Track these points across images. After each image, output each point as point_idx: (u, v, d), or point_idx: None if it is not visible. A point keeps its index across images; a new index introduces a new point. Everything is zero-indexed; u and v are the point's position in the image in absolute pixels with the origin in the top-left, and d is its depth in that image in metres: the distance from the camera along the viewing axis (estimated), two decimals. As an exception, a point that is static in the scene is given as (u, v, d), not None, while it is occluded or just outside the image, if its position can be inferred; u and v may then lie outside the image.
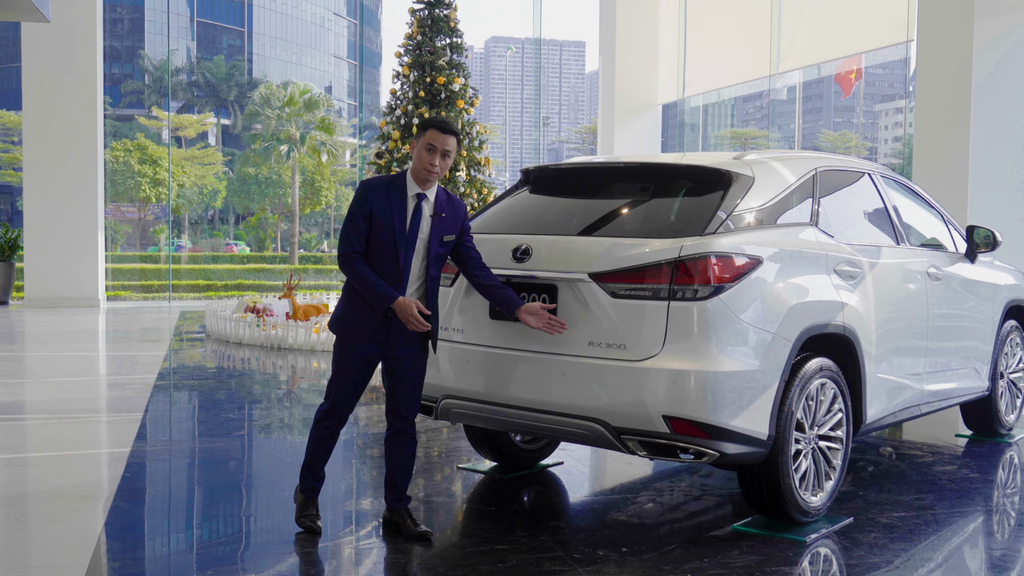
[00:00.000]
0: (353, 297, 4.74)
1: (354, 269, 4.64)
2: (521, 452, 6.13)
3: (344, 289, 4.83)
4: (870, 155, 37.16)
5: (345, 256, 4.66)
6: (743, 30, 17.69)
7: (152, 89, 46.91)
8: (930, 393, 6.09)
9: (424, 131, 4.72)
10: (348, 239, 4.66)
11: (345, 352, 4.78)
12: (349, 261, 4.65)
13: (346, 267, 4.66)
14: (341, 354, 4.81)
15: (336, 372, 4.82)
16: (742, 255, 4.60)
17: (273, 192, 42.31)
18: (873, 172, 6.17)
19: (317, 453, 4.92)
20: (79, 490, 5.69)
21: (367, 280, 4.61)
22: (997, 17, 10.32)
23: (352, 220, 4.67)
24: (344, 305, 4.79)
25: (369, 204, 4.65)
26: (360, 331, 4.72)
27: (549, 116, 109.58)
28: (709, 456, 4.51)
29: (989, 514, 5.53)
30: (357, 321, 4.73)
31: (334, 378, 4.83)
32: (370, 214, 4.65)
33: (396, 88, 13.32)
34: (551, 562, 4.44)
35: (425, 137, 4.70)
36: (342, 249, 4.68)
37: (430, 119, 4.78)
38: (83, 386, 9.68)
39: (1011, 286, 7.17)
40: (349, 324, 4.76)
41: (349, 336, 4.76)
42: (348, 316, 4.75)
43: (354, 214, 4.67)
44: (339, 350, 4.83)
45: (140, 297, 24.24)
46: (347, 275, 4.68)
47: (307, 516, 4.91)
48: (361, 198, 4.68)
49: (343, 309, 4.79)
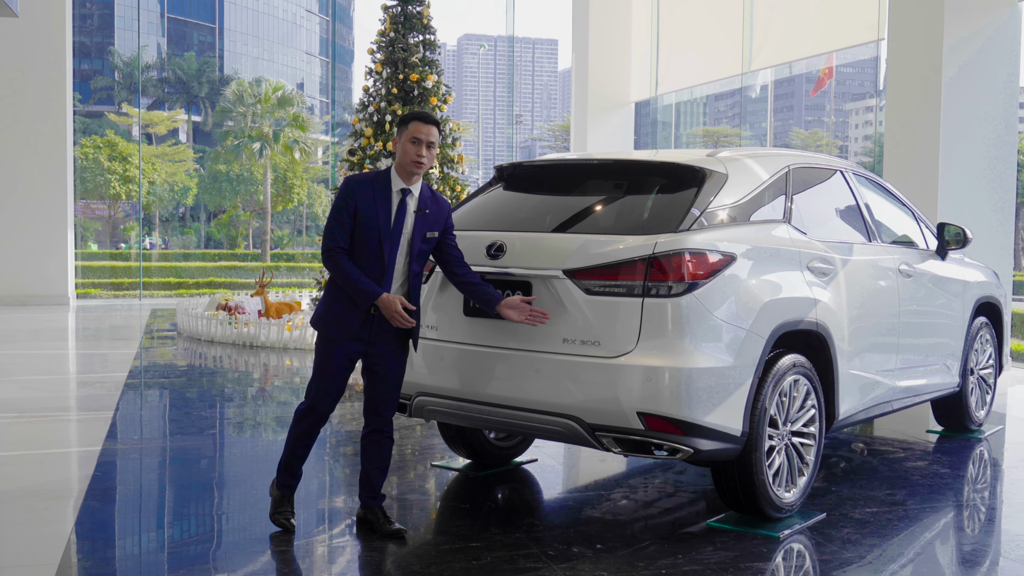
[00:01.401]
0: (337, 294, 4.71)
1: (338, 265, 4.61)
2: (495, 449, 6.12)
3: (327, 286, 4.80)
4: (840, 153, 37.41)
5: (329, 251, 4.63)
6: (715, 28, 17.74)
7: (122, 85, 46.52)
8: (901, 389, 6.13)
9: (406, 125, 4.70)
10: (332, 234, 4.64)
11: (327, 350, 4.75)
12: (333, 257, 4.62)
13: (330, 263, 4.63)
14: (323, 352, 4.77)
15: (317, 370, 4.79)
16: (716, 252, 4.61)
17: (245, 189, 42.05)
18: (845, 170, 6.21)
19: (295, 452, 4.88)
20: (49, 489, 5.63)
21: (351, 276, 4.59)
22: (967, 16, 10.40)
23: (337, 215, 4.64)
24: (327, 302, 4.76)
25: (354, 200, 4.63)
26: (344, 328, 4.70)
27: (522, 114, 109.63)
28: (683, 453, 4.52)
29: (960, 509, 5.57)
30: (341, 318, 4.70)
31: (315, 376, 4.80)
32: (355, 210, 4.63)
33: (369, 85, 13.26)
34: (525, 559, 4.43)
35: (408, 131, 4.68)
36: (326, 244, 4.65)
37: (410, 113, 4.76)
38: (53, 384, 9.59)
39: (981, 283, 7.23)
40: (333, 321, 4.73)
41: (333, 333, 4.73)
42: (332, 313, 4.73)
43: (339, 209, 4.64)
44: (321, 348, 4.78)
45: (110, 295, 24.04)
46: (331, 271, 4.65)
47: (281, 513, 4.88)
48: (346, 193, 4.65)
49: (326, 306, 4.75)
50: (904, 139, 10.84)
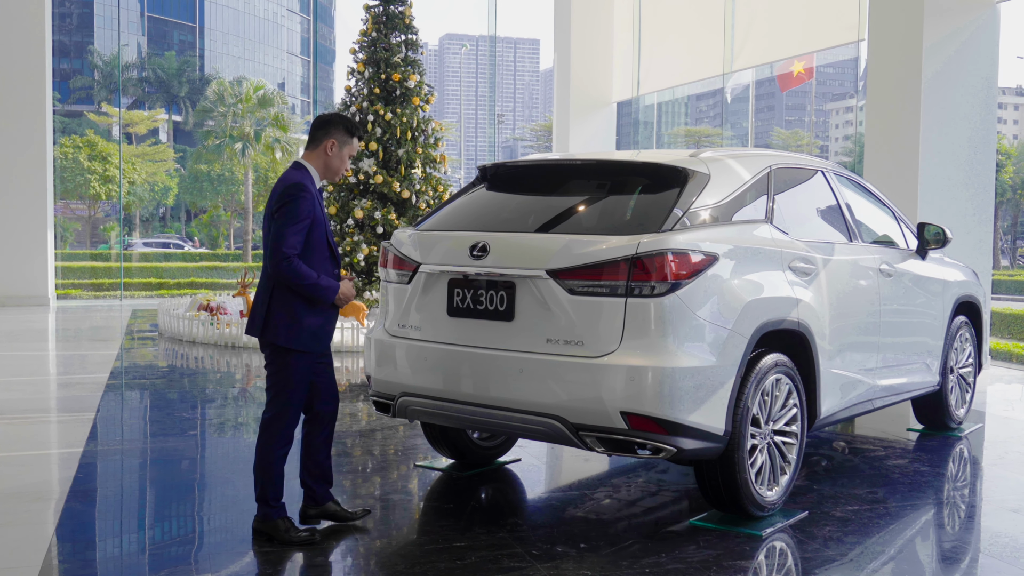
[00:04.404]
0: (297, 302, 4.62)
1: (298, 270, 4.54)
2: (479, 449, 6.12)
3: (273, 296, 4.65)
4: (821, 153, 37.62)
5: (289, 259, 4.53)
6: (697, 29, 17.80)
7: (102, 85, 46.32)
8: (882, 388, 6.17)
9: (351, 138, 4.84)
10: (291, 241, 4.54)
11: (302, 362, 4.70)
12: (293, 262, 4.54)
13: (290, 269, 4.53)
14: (299, 366, 4.69)
15: (296, 385, 4.71)
16: (698, 252, 4.63)
17: (226, 189, 41.93)
18: (827, 170, 6.24)
19: (280, 472, 4.80)
20: (30, 491, 5.60)
21: (310, 277, 4.57)
22: (946, 17, 10.46)
23: (302, 221, 4.58)
24: (291, 314, 4.63)
25: (313, 205, 4.64)
26: (328, 336, 4.77)
27: (504, 113, 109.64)
28: (666, 452, 4.54)
29: (940, 507, 5.62)
30: (323, 325, 4.72)
31: (294, 392, 4.71)
32: (314, 214, 4.65)
33: (351, 85, 13.25)
34: (509, 559, 4.44)
35: (351, 147, 4.86)
36: (287, 252, 4.53)
37: (356, 126, 4.88)
38: (33, 386, 9.53)
39: (961, 282, 7.28)
40: (316, 332, 4.70)
41: (319, 346, 4.73)
42: (306, 323, 4.65)
43: (305, 216, 4.59)
44: (295, 363, 4.68)
45: (91, 295, 23.90)
46: (290, 276, 4.53)
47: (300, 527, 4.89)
48: (309, 199, 4.62)
49: (294, 319, 4.63)
50: (884, 139, 10.90)
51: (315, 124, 4.85)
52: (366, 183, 12.51)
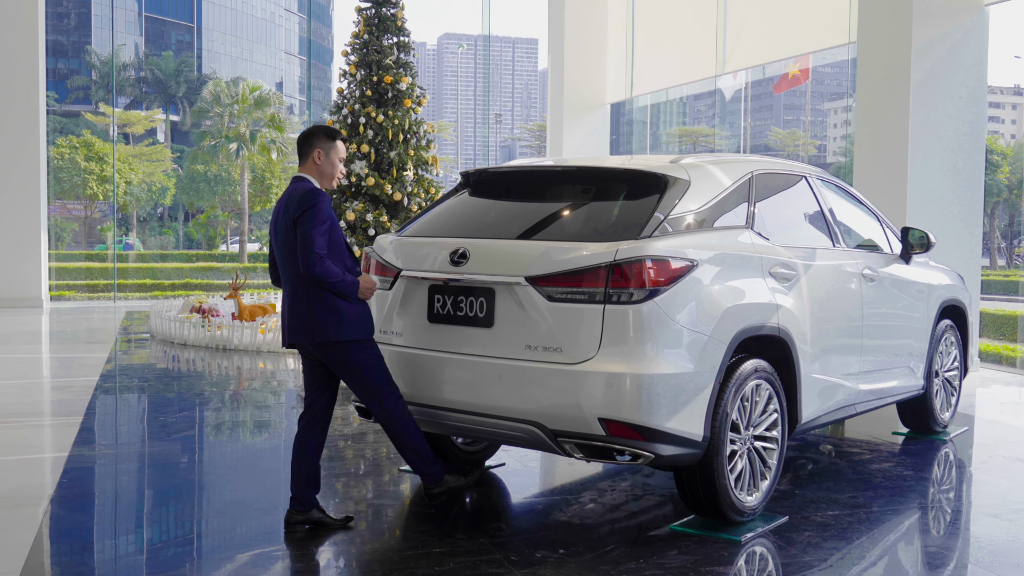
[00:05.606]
0: (340, 298, 4.87)
1: (328, 268, 4.80)
2: (462, 454, 6.13)
3: (322, 299, 4.88)
4: (819, 153, 37.58)
5: (322, 259, 4.79)
6: (691, 30, 17.80)
7: (99, 85, 46.24)
8: (865, 392, 6.18)
9: (333, 141, 5.07)
10: (319, 242, 4.80)
11: (363, 350, 4.97)
12: (325, 262, 4.79)
13: (322, 268, 4.78)
14: (360, 354, 4.95)
15: (370, 368, 4.97)
16: (677, 258, 4.64)
17: (223, 190, 41.86)
18: (809, 175, 6.25)
19: (420, 432, 5.16)
20: (13, 496, 5.61)
21: (337, 274, 4.81)
22: (934, 19, 10.47)
23: (325, 223, 4.83)
24: (336, 306, 4.88)
25: (330, 207, 4.89)
26: (371, 321, 5.04)
27: (501, 113, 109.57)
28: (645, 458, 4.55)
29: (923, 511, 5.63)
30: (366, 314, 5.00)
31: (372, 373, 4.96)
32: (331, 216, 4.91)
33: (343, 87, 13.25)
34: (488, 564, 4.45)
35: (337, 151, 5.07)
36: (318, 253, 4.78)
37: (335, 131, 5.09)
38: (22, 389, 9.54)
39: (946, 286, 7.29)
40: (364, 318, 4.97)
41: (368, 331, 4.99)
42: (356, 313, 4.92)
43: (327, 217, 4.84)
44: (355, 353, 4.94)
45: (85, 297, 23.89)
46: (322, 276, 4.78)
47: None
48: (327, 202, 4.88)
49: (347, 311, 4.89)
50: (873, 141, 10.92)
51: (299, 141, 5.12)
52: (358, 185, 12.50)
